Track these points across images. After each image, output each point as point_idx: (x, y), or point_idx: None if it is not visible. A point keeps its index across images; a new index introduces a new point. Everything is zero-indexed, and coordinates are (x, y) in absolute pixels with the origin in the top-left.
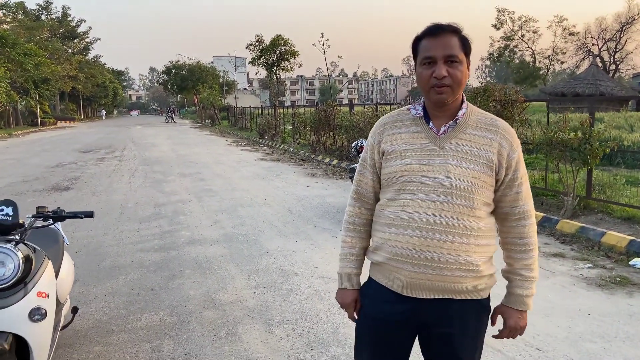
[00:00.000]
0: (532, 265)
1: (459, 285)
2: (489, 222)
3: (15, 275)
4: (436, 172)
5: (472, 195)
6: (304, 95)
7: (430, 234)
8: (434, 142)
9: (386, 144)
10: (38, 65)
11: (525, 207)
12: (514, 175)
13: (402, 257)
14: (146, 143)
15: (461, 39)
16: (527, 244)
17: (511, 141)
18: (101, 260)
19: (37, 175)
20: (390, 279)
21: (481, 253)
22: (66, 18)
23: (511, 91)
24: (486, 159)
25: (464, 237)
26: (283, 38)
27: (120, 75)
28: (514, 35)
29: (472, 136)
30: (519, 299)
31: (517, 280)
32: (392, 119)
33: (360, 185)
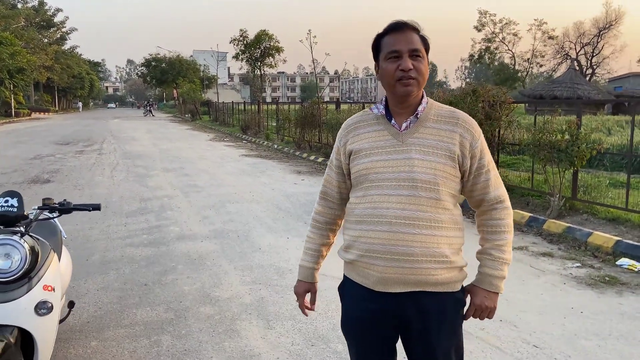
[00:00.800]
0: (504, 247)
1: (431, 277)
2: (455, 214)
3: (22, 267)
4: (401, 167)
5: (437, 187)
6: (285, 91)
7: (399, 228)
8: (396, 138)
9: (352, 144)
10: (13, 55)
11: (496, 192)
12: (480, 164)
13: (374, 253)
14: (126, 136)
15: (421, 37)
16: (499, 225)
17: (472, 131)
18: (90, 255)
19: (15, 167)
20: (363, 276)
21: (449, 245)
22: (42, 7)
23: (499, 92)
24: (448, 151)
25: (432, 229)
26: (268, 33)
27: (97, 67)
28: (494, 38)
29: (434, 129)
30: (486, 278)
31: (486, 260)
32: (356, 120)
33: (326, 185)
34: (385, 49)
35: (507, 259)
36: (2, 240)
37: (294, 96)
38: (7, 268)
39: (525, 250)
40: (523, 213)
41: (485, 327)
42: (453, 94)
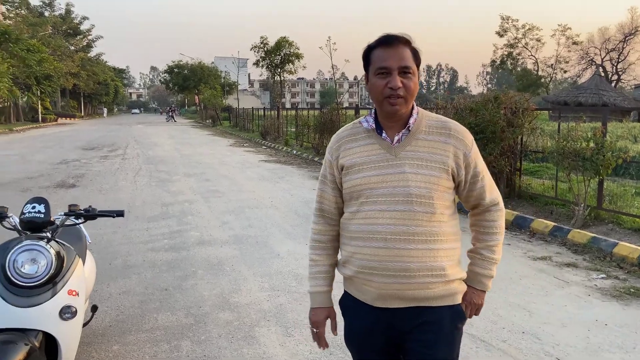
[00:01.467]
0: (494, 247)
1: (429, 292)
2: (452, 226)
3: (47, 272)
4: (395, 182)
5: (432, 200)
6: (305, 97)
7: (395, 244)
8: (389, 151)
9: (343, 159)
10: (41, 62)
11: (492, 197)
12: (474, 172)
13: (371, 270)
14: (149, 142)
15: (412, 51)
16: (492, 226)
17: (465, 141)
18: (113, 259)
19: (42, 172)
20: (361, 291)
21: (447, 257)
22: (69, 15)
23: (522, 99)
24: (442, 164)
25: (428, 243)
26: (288, 40)
27: (122, 74)
28: (517, 43)
29: (426, 142)
30: (476, 277)
31: (477, 259)
32: (346, 133)
33: (322, 202)
34: (375, 63)
35: (497, 259)
36: (29, 245)
37: (313, 102)
38: (34, 273)
39: (549, 261)
40: (547, 222)
41: (507, 339)
42: (474, 100)
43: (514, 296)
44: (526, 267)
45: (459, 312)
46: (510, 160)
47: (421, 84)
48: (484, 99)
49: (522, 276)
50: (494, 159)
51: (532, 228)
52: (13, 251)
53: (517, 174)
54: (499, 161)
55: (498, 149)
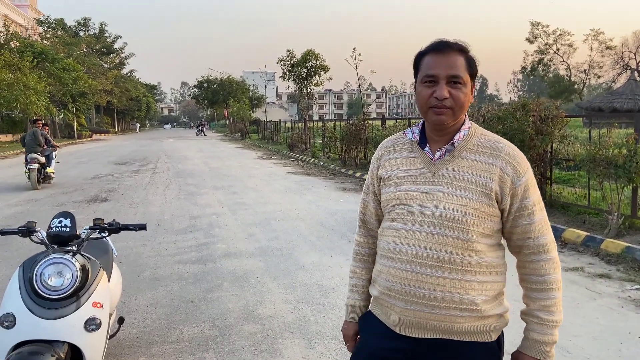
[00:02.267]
0: (552, 308)
1: (457, 326)
2: (493, 257)
3: (72, 285)
4: (428, 201)
5: (467, 227)
6: (332, 109)
7: (420, 269)
8: (429, 167)
9: (383, 169)
10: (76, 80)
11: (540, 240)
12: (522, 204)
13: (394, 292)
14: (179, 156)
15: (467, 60)
16: (545, 282)
17: (516, 166)
18: (141, 271)
19: (76, 187)
20: (385, 314)
21: (482, 291)
22: (103, 34)
23: (551, 106)
24: (484, 187)
25: (459, 272)
26: (314, 53)
27: (153, 90)
28: (548, 49)
29: (470, 161)
30: (534, 345)
31: (533, 323)
32: (390, 143)
33: (364, 213)
34: (423, 71)
35: (557, 320)
36: (55, 259)
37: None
38: (59, 286)
39: (581, 272)
40: (579, 232)
41: None
42: (502, 108)
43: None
44: None
45: (492, 349)
46: (540, 168)
47: None
48: (511, 107)
49: None
50: None
51: (564, 238)
52: (40, 264)
53: (547, 182)
54: None
55: (527, 157)
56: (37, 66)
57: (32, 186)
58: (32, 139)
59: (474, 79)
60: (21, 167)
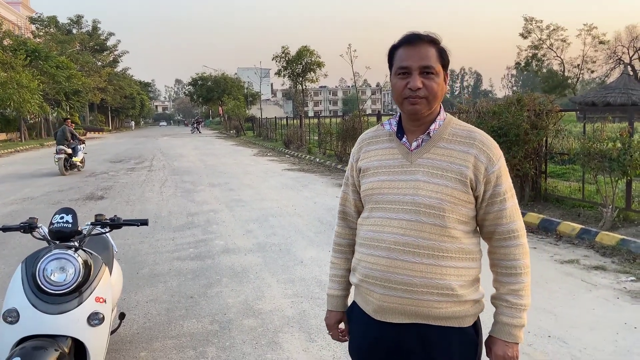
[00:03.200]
0: (521, 292)
1: (434, 311)
2: (468, 243)
3: (75, 280)
4: (405, 190)
5: (443, 213)
6: (327, 105)
7: (398, 255)
8: (406, 157)
9: (362, 161)
10: (69, 78)
11: (511, 225)
12: (494, 191)
13: (373, 279)
14: (174, 153)
15: (439, 50)
16: (515, 266)
17: (489, 154)
18: (140, 268)
19: (71, 185)
20: (365, 301)
21: (457, 276)
22: (96, 32)
23: (546, 101)
24: (459, 174)
25: (435, 258)
26: (309, 49)
27: (147, 87)
28: (542, 44)
29: (446, 150)
30: (504, 328)
31: (503, 307)
32: (369, 135)
33: (344, 205)
34: (397, 63)
35: (526, 304)
36: (57, 254)
37: (336, 110)
38: (62, 281)
39: (577, 264)
40: (574, 225)
41: (532, 342)
42: (497, 103)
43: (539, 300)
44: (552, 270)
45: (469, 335)
46: (535, 162)
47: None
48: (506, 102)
49: (548, 280)
50: (518, 162)
51: (559, 231)
52: (43, 260)
53: (542, 176)
54: (523, 164)
55: (522, 151)
56: (30, 64)
57: (60, 172)
58: (61, 134)
59: (447, 69)
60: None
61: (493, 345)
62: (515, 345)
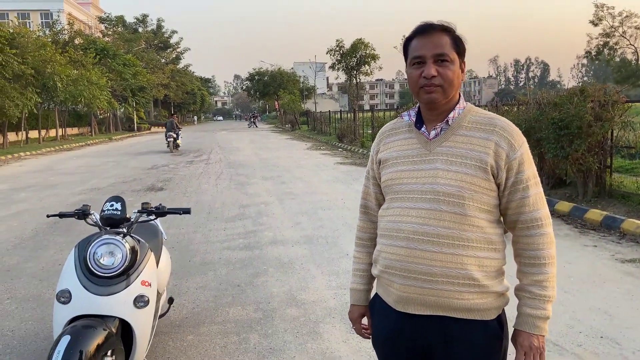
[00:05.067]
0: (545, 283)
1: (456, 302)
2: (491, 233)
3: (122, 264)
4: (424, 178)
5: (463, 201)
6: (383, 98)
7: (417, 245)
8: (425, 146)
9: (382, 152)
10: (135, 75)
11: (534, 214)
12: (517, 178)
13: (393, 270)
14: (231, 147)
15: (453, 38)
16: (538, 256)
17: (511, 140)
18: (192, 256)
19: (135, 177)
20: (386, 292)
21: (479, 266)
22: (160, 30)
23: (611, 91)
24: (479, 161)
25: (456, 247)
26: (363, 42)
27: (207, 83)
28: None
29: (465, 137)
30: (527, 319)
31: (526, 298)
32: (389, 127)
33: (365, 198)
34: (411, 53)
35: (550, 295)
36: (106, 239)
37: (392, 103)
38: (111, 265)
39: (638, 263)
40: (639, 222)
41: (583, 343)
42: (558, 94)
43: (595, 300)
44: (612, 269)
45: (494, 329)
46: (599, 156)
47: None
48: (568, 92)
49: (607, 280)
50: (581, 155)
51: (623, 229)
52: (93, 245)
53: (607, 171)
54: (586, 158)
55: (585, 145)
56: (99, 62)
57: (170, 150)
58: (170, 125)
59: (462, 56)
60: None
61: (518, 336)
62: (541, 336)
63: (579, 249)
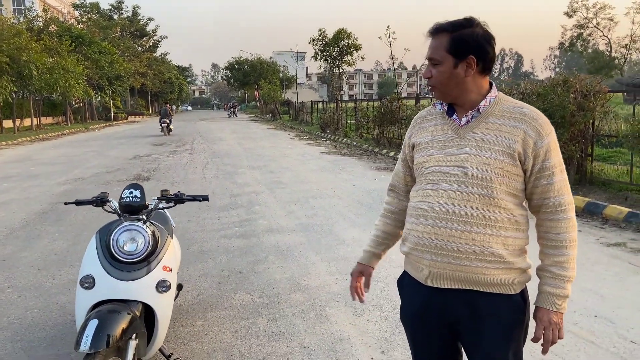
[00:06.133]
0: (566, 264)
1: (482, 277)
2: (516, 214)
3: (145, 250)
4: (454, 162)
5: (490, 184)
6: (362, 89)
7: (447, 224)
8: (456, 132)
9: (415, 137)
10: (111, 63)
11: (559, 199)
12: (543, 165)
13: (423, 247)
14: (213, 137)
15: (452, 39)
16: (560, 239)
17: (539, 129)
18: (190, 245)
19: (118, 167)
20: (415, 269)
21: (504, 245)
22: (136, 17)
23: (593, 82)
24: (508, 147)
25: (484, 227)
26: (346, 32)
27: (185, 72)
28: (587, 23)
29: (495, 125)
30: (547, 297)
31: (547, 278)
32: (423, 114)
33: (394, 178)
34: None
35: (570, 276)
36: (128, 226)
37: (371, 93)
38: (133, 250)
39: (624, 247)
40: (621, 208)
41: (578, 322)
42: (542, 85)
43: (585, 282)
44: (599, 253)
45: (518, 302)
46: (581, 145)
47: None
48: (552, 83)
49: (595, 262)
50: (564, 144)
51: (605, 214)
52: (115, 231)
53: (588, 159)
54: (569, 147)
55: (568, 134)
56: (74, 50)
57: (164, 134)
58: (164, 111)
59: (461, 56)
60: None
61: (538, 312)
62: (560, 313)
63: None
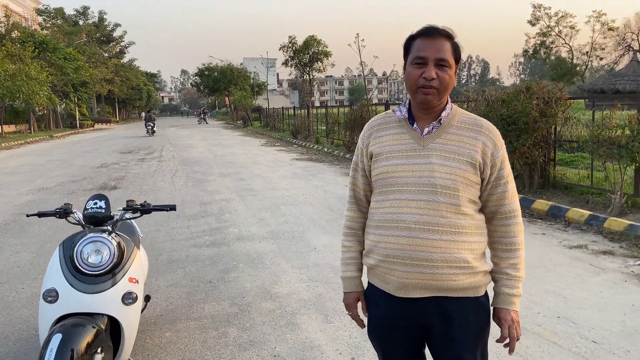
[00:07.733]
0: (518, 265)
1: (452, 283)
2: (477, 220)
3: (110, 262)
4: (421, 172)
5: (457, 192)
6: (333, 95)
7: (419, 234)
8: (418, 142)
9: (373, 146)
10: (77, 69)
11: (511, 206)
12: (499, 174)
13: (394, 258)
14: (183, 144)
15: (453, 45)
16: (513, 242)
17: (495, 140)
18: (158, 255)
19: (84, 176)
20: (384, 281)
21: (471, 250)
22: (102, 23)
23: (555, 89)
24: (470, 158)
25: (452, 234)
26: (316, 39)
27: (154, 78)
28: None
29: (456, 136)
30: (506, 298)
31: (504, 280)
32: (378, 121)
33: (354, 189)
34: (413, 53)
35: (522, 276)
36: (93, 238)
37: (342, 99)
38: (98, 262)
39: (585, 249)
40: (582, 211)
41: (542, 323)
42: (506, 92)
43: (548, 283)
44: (561, 255)
45: (483, 303)
46: (544, 150)
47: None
48: (515, 90)
49: (557, 264)
50: (527, 149)
51: (568, 217)
52: (79, 243)
53: (551, 164)
54: (532, 152)
55: (531, 139)
56: (38, 56)
57: (149, 135)
58: (148, 117)
59: (458, 63)
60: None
61: (500, 313)
62: (516, 311)
63: (529, 237)
